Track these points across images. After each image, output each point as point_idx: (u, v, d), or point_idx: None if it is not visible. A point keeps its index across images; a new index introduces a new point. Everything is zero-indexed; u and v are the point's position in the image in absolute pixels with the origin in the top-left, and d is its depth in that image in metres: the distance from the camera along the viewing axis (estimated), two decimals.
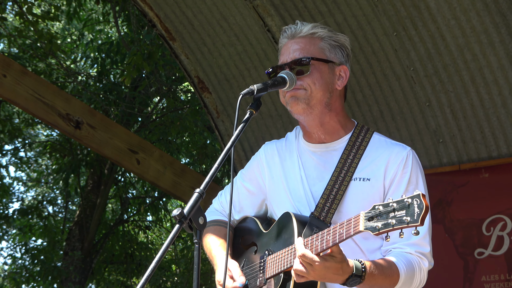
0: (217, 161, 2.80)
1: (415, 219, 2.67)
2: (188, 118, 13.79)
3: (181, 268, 17.82)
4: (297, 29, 3.46)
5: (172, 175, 8.68)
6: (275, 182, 3.57)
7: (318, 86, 3.37)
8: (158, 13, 7.64)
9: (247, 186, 3.70)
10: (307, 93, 3.35)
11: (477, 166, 6.79)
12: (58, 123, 7.63)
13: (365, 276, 3.02)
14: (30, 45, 13.91)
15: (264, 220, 3.64)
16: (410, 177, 3.33)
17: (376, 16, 6.54)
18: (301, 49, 3.40)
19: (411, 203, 2.69)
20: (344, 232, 2.90)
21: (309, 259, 2.96)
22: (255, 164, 3.71)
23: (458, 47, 6.36)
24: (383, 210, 2.77)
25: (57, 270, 15.06)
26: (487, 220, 6.66)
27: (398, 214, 2.72)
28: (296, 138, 3.62)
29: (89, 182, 15.84)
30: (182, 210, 2.64)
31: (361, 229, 2.82)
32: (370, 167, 3.37)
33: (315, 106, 3.38)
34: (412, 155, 3.40)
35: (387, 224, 2.74)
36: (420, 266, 3.26)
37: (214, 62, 7.78)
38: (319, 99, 3.38)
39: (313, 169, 3.47)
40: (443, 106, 6.76)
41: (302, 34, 3.44)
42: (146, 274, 2.46)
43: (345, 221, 2.92)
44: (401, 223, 2.70)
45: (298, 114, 3.40)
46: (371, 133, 3.50)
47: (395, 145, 3.44)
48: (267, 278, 3.31)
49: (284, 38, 3.49)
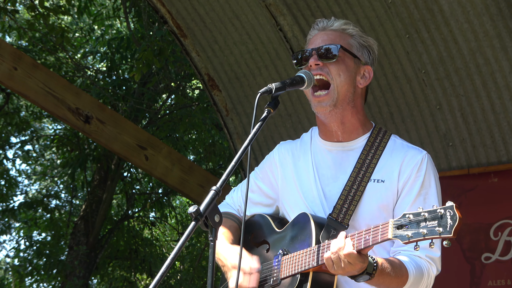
0: (234, 159, 2.79)
1: (448, 230, 2.66)
2: (197, 115, 13.78)
3: (185, 265, 17.81)
4: (329, 23, 3.48)
5: (180, 172, 8.69)
6: (288, 182, 3.56)
7: (343, 78, 3.37)
8: (170, 10, 7.64)
9: (260, 184, 3.69)
10: (333, 93, 3.34)
11: (486, 171, 6.78)
12: (67, 117, 7.64)
13: (375, 274, 3.01)
14: (40, 39, 13.92)
15: (276, 219, 3.61)
16: (423, 181, 3.31)
17: (389, 17, 6.53)
18: (331, 40, 3.42)
19: (443, 214, 2.68)
20: (371, 238, 2.89)
21: (352, 259, 2.94)
22: (268, 164, 3.70)
23: (470, 51, 6.35)
24: (414, 219, 2.75)
25: (61, 264, 15.06)
26: (495, 225, 6.65)
27: (430, 224, 2.70)
28: (311, 138, 3.61)
29: (95, 177, 15.84)
30: (198, 208, 2.63)
31: (390, 236, 2.81)
32: (385, 169, 3.35)
33: (340, 104, 3.37)
34: (428, 158, 3.37)
35: (417, 234, 2.72)
36: (429, 272, 3.25)
37: (225, 60, 7.78)
38: (344, 95, 3.37)
39: (327, 168, 3.45)
40: (453, 110, 6.74)
41: (333, 27, 3.47)
42: (160, 271, 2.45)
43: (372, 227, 2.91)
44: (432, 234, 2.69)
45: (323, 114, 3.41)
46: (389, 135, 3.48)
47: (411, 148, 3.42)
48: (282, 278, 3.29)
49: (314, 30, 3.51)
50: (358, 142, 3.45)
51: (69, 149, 15.18)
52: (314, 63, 3.35)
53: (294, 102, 7.62)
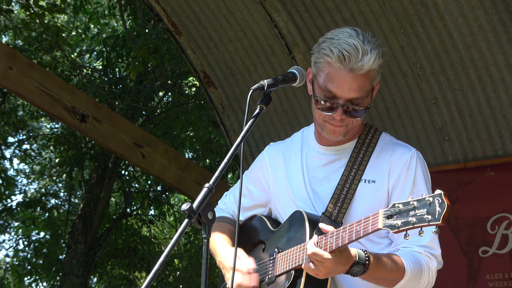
0: (227, 156, 2.79)
1: (436, 217, 2.65)
2: (193, 113, 13.78)
3: (184, 263, 17.82)
4: (358, 64, 3.15)
5: (177, 169, 8.69)
6: (279, 183, 3.56)
7: (360, 121, 3.34)
8: (164, 7, 7.64)
9: (251, 188, 3.69)
10: (347, 127, 3.29)
11: (483, 164, 6.78)
12: (63, 116, 7.64)
13: (369, 265, 3.01)
14: (35, 38, 13.90)
15: (270, 219, 3.62)
16: (415, 179, 3.31)
17: (384, 13, 6.52)
18: (360, 89, 3.19)
19: (432, 202, 2.68)
20: (362, 229, 2.89)
21: (320, 257, 2.97)
22: (259, 166, 3.70)
23: (465, 45, 6.35)
24: (403, 208, 2.75)
25: (60, 263, 15.06)
26: (492, 218, 6.65)
27: (419, 212, 2.70)
28: (303, 139, 3.60)
29: (93, 176, 15.83)
30: (191, 205, 2.64)
31: (380, 226, 2.80)
32: (375, 169, 3.35)
33: (349, 134, 3.35)
34: (417, 156, 3.36)
35: (406, 222, 2.72)
36: (429, 265, 3.24)
37: (220, 57, 7.78)
38: (355, 127, 3.34)
39: (320, 170, 3.45)
40: (449, 104, 6.74)
41: (362, 71, 3.17)
42: (154, 269, 2.46)
43: (363, 219, 2.91)
44: (421, 221, 2.68)
45: (331, 139, 3.37)
46: (379, 134, 3.46)
47: (399, 146, 3.41)
48: (277, 275, 3.30)
49: (338, 63, 3.16)
50: (350, 142, 3.44)
51: (66, 148, 15.17)
52: (339, 119, 3.24)
53: (290, 99, 7.62)
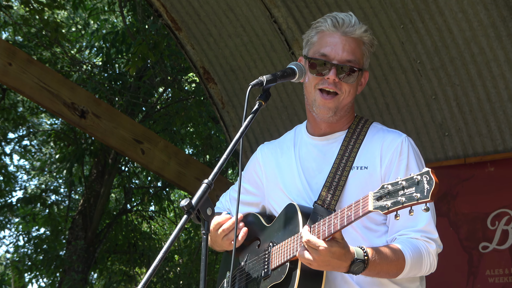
0: (225, 152, 2.80)
1: (425, 195, 2.64)
2: (193, 109, 13.78)
3: (184, 259, 17.82)
4: (351, 27, 3.40)
5: (177, 165, 8.69)
6: (271, 180, 3.61)
7: (351, 93, 3.42)
8: (164, 3, 7.63)
9: (246, 187, 3.75)
10: (338, 100, 3.38)
11: (483, 160, 6.78)
12: (63, 112, 7.63)
13: (368, 261, 3.01)
14: (35, 34, 13.88)
15: (265, 215, 3.66)
16: (408, 163, 3.32)
17: (383, 8, 6.51)
18: (352, 52, 3.39)
19: (420, 180, 2.67)
20: (353, 214, 2.89)
21: (313, 244, 2.96)
22: (252, 165, 3.77)
23: (465, 40, 6.34)
24: (392, 189, 2.75)
25: (60, 259, 15.07)
26: (492, 214, 6.65)
27: (408, 191, 2.69)
28: (295, 135, 3.65)
29: (93, 172, 15.82)
30: (190, 201, 2.64)
31: (370, 208, 2.79)
32: (367, 156, 3.38)
33: (339, 112, 3.42)
34: (408, 141, 3.39)
35: (396, 202, 2.72)
36: (428, 250, 3.24)
37: (220, 52, 7.77)
38: (345, 105, 3.42)
39: (312, 161, 3.49)
40: (449, 100, 6.74)
41: (354, 35, 3.40)
42: (153, 264, 2.45)
43: (353, 203, 2.91)
44: (411, 200, 2.67)
45: (322, 116, 3.43)
46: (370, 123, 3.52)
47: (389, 132, 3.46)
48: (273, 269, 3.30)
49: (332, 27, 3.40)
50: (341, 132, 3.49)
51: (66, 144, 15.16)
52: (333, 80, 3.36)
53: (290, 94, 7.61)
